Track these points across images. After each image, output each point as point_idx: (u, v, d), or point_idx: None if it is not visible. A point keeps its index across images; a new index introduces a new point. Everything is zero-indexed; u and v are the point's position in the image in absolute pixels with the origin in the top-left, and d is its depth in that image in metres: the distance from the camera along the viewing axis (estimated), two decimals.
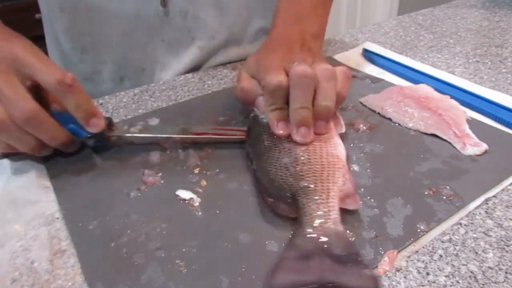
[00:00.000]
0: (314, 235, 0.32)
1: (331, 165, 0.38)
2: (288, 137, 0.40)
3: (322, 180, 0.36)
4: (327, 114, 0.41)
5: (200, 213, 0.37)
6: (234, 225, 0.35)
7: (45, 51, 0.70)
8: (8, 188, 0.41)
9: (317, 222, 0.33)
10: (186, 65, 0.66)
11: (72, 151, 0.44)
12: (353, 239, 0.34)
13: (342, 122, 0.45)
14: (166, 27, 0.63)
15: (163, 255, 0.33)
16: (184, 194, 0.39)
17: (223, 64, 0.67)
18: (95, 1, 0.60)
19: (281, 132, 0.40)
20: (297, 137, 0.40)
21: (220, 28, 0.66)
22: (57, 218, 0.37)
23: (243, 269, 0.31)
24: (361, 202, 0.37)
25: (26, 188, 0.41)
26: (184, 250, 0.33)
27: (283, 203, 0.36)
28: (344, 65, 0.63)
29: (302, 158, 0.39)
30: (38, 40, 1.47)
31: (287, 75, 0.42)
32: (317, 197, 0.35)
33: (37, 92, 0.41)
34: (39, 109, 0.39)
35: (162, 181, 0.41)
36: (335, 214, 0.34)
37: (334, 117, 0.44)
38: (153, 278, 0.31)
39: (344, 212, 0.36)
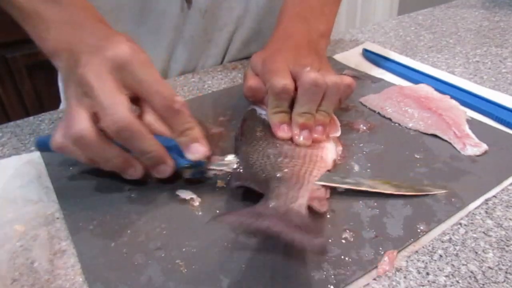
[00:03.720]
0: (275, 206, 0.32)
1: (313, 163, 0.39)
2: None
3: (298, 175, 0.37)
4: (324, 121, 0.43)
5: (200, 213, 0.37)
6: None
7: None
8: (8, 188, 0.41)
9: (282, 199, 0.33)
10: (200, 62, 0.67)
11: (164, 176, 0.38)
12: (352, 239, 0.34)
13: (339, 126, 0.46)
14: (186, 25, 0.63)
15: (163, 255, 0.33)
16: (184, 194, 0.39)
17: (224, 64, 0.67)
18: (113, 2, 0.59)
19: (283, 134, 0.41)
20: (299, 139, 0.41)
21: (229, 21, 0.66)
22: (57, 218, 0.37)
23: (243, 269, 0.31)
24: (326, 207, 0.36)
25: (26, 188, 0.41)
26: (184, 250, 0.33)
27: (249, 176, 0.36)
28: (350, 68, 0.63)
29: (287, 152, 0.40)
30: None
31: (293, 77, 0.42)
32: (289, 185, 0.35)
33: (134, 103, 0.38)
34: (134, 119, 0.35)
35: (162, 181, 0.40)
36: (302, 201, 0.34)
37: (331, 120, 0.45)
38: (153, 278, 0.31)
39: (344, 212, 0.36)
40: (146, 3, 0.60)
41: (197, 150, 0.37)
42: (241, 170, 0.38)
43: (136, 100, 0.38)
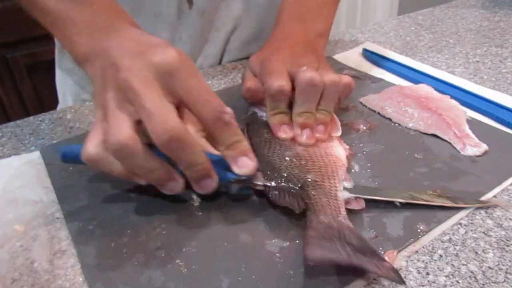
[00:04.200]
0: (328, 223, 0.32)
1: (333, 163, 0.39)
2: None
3: (328, 176, 0.37)
4: (325, 120, 0.42)
5: (200, 213, 0.37)
6: (234, 225, 0.35)
7: (53, 49, 0.70)
8: (8, 188, 0.41)
9: (329, 213, 0.33)
10: (197, 62, 0.66)
11: (208, 192, 0.36)
12: None
13: (339, 126, 0.46)
14: (185, 25, 0.63)
15: (163, 255, 0.33)
16: (184, 194, 0.38)
17: (223, 64, 0.67)
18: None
19: (283, 135, 0.41)
20: (301, 138, 0.41)
21: (226, 21, 0.66)
22: (57, 218, 0.37)
23: (243, 269, 0.31)
24: (364, 203, 0.36)
25: (26, 188, 0.41)
26: (184, 250, 0.33)
27: (289, 194, 0.35)
28: (350, 68, 0.63)
29: (304, 153, 0.40)
30: (38, 40, 1.47)
31: (291, 78, 0.42)
32: (326, 192, 0.35)
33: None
34: (185, 129, 0.32)
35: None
36: (344, 211, 0.34)
37: (332, 120, 0.45)
38: (153, 278, 0.31)
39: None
40: (141, 2, 0.59)
41: (246, 164, 0.35)
42: (274, 184, 0.36)
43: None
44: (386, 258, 0.32)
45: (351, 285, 0.30)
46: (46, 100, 1.44)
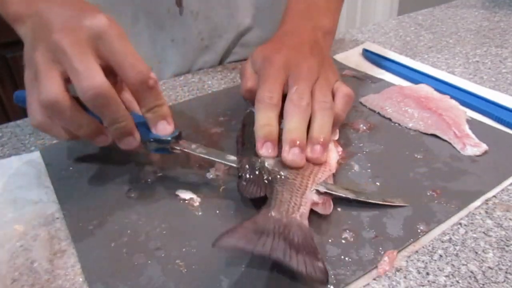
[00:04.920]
0: (277, 218, 0.32)
1: (317, 167, 0.38)
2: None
3: (303, 176, 0.37)
4: (319, 140, 0.39)
5: (200, 213, 0.37)
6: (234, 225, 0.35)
7: None
8: (8, 188, 0.41)
9: (284, 208, 0.33)
10: (195, 66, 0.66)
11: (129, 148, 0.38)
12: (352, 239, 0.34)
13: (337, 129, 0.45)
14: (176, 27, 0.62)
15: (163, 255, 0.33)
16: (184, 194, 0.39)
17: (223, 64, 0.67)
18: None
19: (264, 152, 0.38)
20: (288, 156, 0.37)
21: (230, 29, 0.65)
22: (57, 218, 0.37)
23: (243, 269, 0.31)
24: (331, 210, 0.36)
25: (26, 188, 0.41)
26: (184, 250, 0.33)
27: (255, 185, 0.36)
28: (350, 68, 0.63)
29: None
30: None
31: (285, 89, 0.41)
32: (293, 189, 0.35)
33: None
34: (110, 86, 0.34)
35: (162, 181, 0.41)
36: (304, 210, 0.34)
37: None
38: (153, 278, 0.31)
39: (344, 211, 0.36)
40: (135, 2, 0.59)
41: (164, 128, 0.38)
42: (248, 175, 0.37)
43: (107, 74, 0.36)
44: (387, 258, 0.32)
45: (351, 285, 0.30)
46: None
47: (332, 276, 0.31)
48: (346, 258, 0.32)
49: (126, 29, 0.37)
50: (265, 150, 0.38)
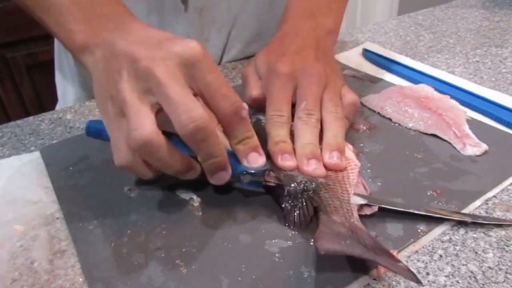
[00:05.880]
0: (342, 223, 0.32)
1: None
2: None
3: (339, 181, 0.37)
4: (333, 147, 0.39)
5: (200, 213, 0.37)
6: (234, 225, 0.35)
7: (52, 49, 0.70)
8: (8, 188, 0.41)
9: (341, 213, 0.34)
10: None
11: (221, 183, 0.36)
12: None
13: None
14: (181, 23, 0.62)
15: (163, 255, 0.33)
16: (184, 194, 0.39)
17: (223, 64, 0.67)
18: None
19: (287, 163, 0.38)
20: (308, 168, 0.37)
21: (229, 23, 0.65)
22: (57, 218, 0.37)
23: (243, 269, 0.31)
24: (376, 208, 0.36)
25: (26, 188, 0.41)
26: (184, 250, 0.33)
27: (299, 209, 0.35)
28: (350, 68, 0.63)
29: None
30: (38, 40, 1.47)
31: (293, 100, 0.41)
32: (339, 195, 0.36)
33: None
34: (210, 120, 0.32)
35: (162, 181, 0.40)
36: (356, 214, 0.34)
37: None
38: (153, 278, 0.31)
39: None
40: None
41: (256, 159, 0.36)
42: (291, 187, 0.36)
43: None
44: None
45: (351, 285, 0.30)
46: (46, 100, 1.44)
47: (332, 276, 0.31)
48: (346, 258, 0.32)
49: None
50: (284, 161, 0.38)
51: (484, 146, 0.43)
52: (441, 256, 0.33)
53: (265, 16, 0.66)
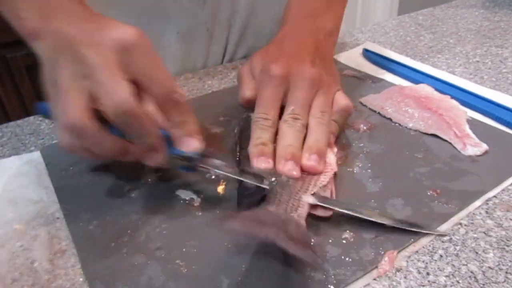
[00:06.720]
0: (277, 213, 0.32)
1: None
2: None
3: (303, 180, 0.37)
4: (313, 149, 0.39)
5: (200, 213, 0.37)
6: None
7: None
8: (8, 188, 0.41)
9: (282, 207, 0.33)
10: (199, 58, 0.66)
11: (155, 164, 0.37)
12: (352, 239, 0.34)
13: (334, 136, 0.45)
14: (183, 18, 0.62)
15: (163, 255, 0.33)
16: (184, 194, 0.39)
17: (223, 64, 0.67)
18: None
19: (262, 165, 0.38)
20: (283, 168, 0.38)
21: (232, 17, 0.65)
22: (57, 218, 0.37)
23: (243, 269, 0.31)
24: (331, 212, 0.35)
25: (26, 188, 0.41)
26: (184, 250, 0.33)
27: (254, 195, 0.36)
28: (350, 68, 0.63)
29: None
30: None
31: (282, 104, 0.41)
32: (292, 191, 0.35)
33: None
34: (136, 102, 0.33)
35: (162, 181, 0.41)
36: (302, 212, 0.34)
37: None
38: (153, 278, 0.31)
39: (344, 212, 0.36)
40: None
41: (189, 144, 0.36)
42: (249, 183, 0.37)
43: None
44: (387, 258, 0.32)
45: (351, 285, 0.30)
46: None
47: (332, 276, 0.31)
48: (347, 258, 0.32)
49: (133, 21, 0.36)
50: (260, 163, 0.38)
51: (485, 146, 0.43)
52: (441, 256, 0.33)
53: (267, 12, 0.66)
